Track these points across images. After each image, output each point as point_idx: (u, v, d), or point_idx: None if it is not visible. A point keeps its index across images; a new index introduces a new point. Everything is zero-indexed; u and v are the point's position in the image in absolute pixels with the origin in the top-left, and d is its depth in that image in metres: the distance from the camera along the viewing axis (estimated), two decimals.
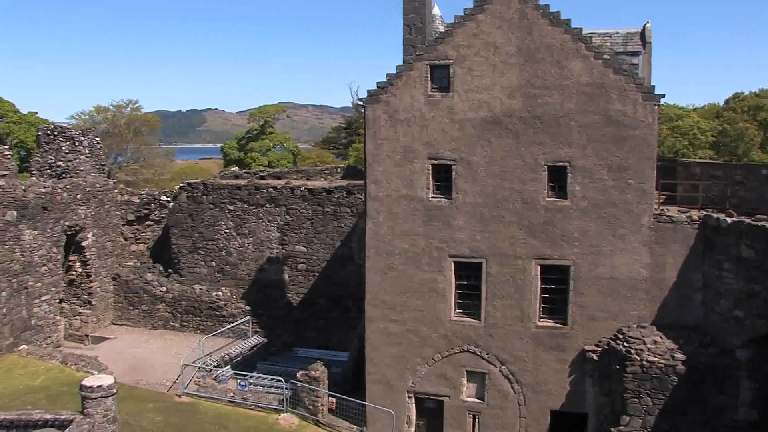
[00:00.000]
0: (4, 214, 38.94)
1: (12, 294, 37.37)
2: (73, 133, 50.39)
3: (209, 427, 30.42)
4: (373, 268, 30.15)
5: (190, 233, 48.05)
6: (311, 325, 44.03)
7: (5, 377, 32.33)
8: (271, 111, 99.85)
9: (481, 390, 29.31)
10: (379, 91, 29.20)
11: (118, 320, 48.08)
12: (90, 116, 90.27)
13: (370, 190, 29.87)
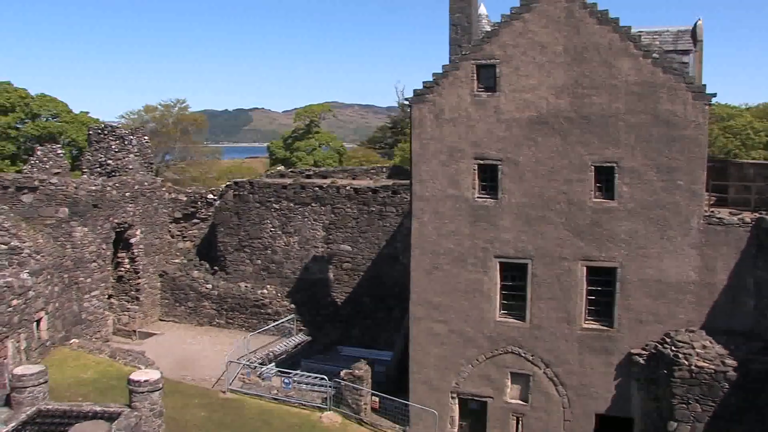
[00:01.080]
0: (56, 211, 39.88)
1: (64, 289, 38.17)
2: (122, 132, 51.35)
3: (253, 423, 30.70)
4: (418, 268, 30.11)
5: (236, 231, 48.52)
6: (356, 324, 44.15)
7: (58, 369, 33.00)
8: (317, 110, 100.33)
9: (525, 392, 29.09)
10: (425, 91, 29.15)
11: (165, 316, 48.80)
12: (139, 115, 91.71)
13: (415, 189, 29.83)
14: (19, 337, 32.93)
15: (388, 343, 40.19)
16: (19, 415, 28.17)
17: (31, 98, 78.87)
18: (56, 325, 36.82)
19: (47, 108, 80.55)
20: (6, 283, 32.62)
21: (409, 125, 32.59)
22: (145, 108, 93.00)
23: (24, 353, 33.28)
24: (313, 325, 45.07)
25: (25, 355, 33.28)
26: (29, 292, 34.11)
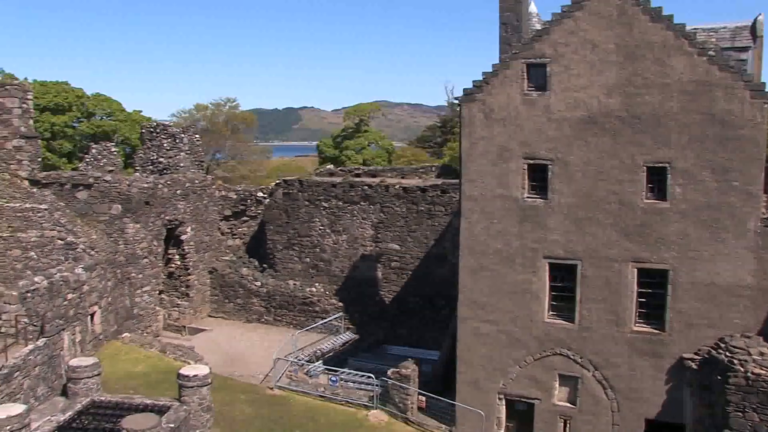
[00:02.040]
0: (110, 207, 40.70)
1: (116, 284, 38.94)
2: (174, 131, 52.18)
3: (299, 420, 30.91)
4: (466, 268, 29.99)
5: (285, 229, 48.90)
6: (403, 323, 44.15)
7: (110, 363, 33.70)
8: (367, 109, 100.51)
9: (574, 394, 28.76)
10: (474, 90, 29.02)
11: (214, 313, 49.41)
12: (190, 114, 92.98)
13: (464, 189, 29.72)
14: (74, 330, 33.71)
15: (435, 342, 40.10)
16: (75, 405, 28.87)
17: (86, 98, 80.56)
18: (109, 319, 37.59)
19: (102, 107, 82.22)
20: (62, 278, 33.39)
21: (458, 124, 32.48)
22: (197, 107, 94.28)
23: (78, 346, 34.04)
24: (361, 324, 45.21)
25: (79, 347, 34.04)
26: (84, 286, 34.87)
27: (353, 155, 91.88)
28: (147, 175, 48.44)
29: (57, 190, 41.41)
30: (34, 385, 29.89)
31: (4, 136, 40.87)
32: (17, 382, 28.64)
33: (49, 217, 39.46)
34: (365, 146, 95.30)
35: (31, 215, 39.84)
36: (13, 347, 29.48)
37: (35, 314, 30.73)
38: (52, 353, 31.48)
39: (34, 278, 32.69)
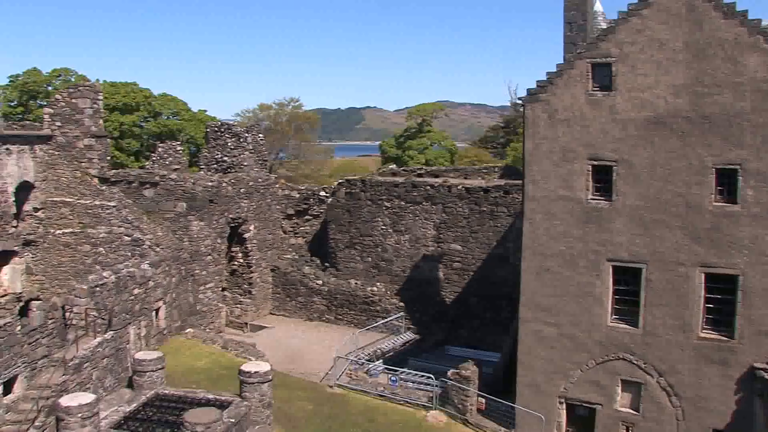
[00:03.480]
0: (175, 205, 41.54)
1: (181, 280, 39.71)
2: (238, 130, 52.99)
3: (358, 419, 31.02)
4: (528, 269, 29.65)
5: (348, 229, 49.11)
6: (464, 324, 43.94)
7: (173, 357, 34.35)
8: (429, 109, 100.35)
9: (637, 401, 28.12)
10: (538, 90, 28.68)
11: (276, 310, 49.94)
12: (254, 114, 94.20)
13: (527, 190, 29.39)
14: (139, 324, 34.50)
15: (496, 344, 39.78)
16: (140, 396, 29.59)
17: (153, 98, 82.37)
18: (173, 315, 38.35)
19: (168, 107, 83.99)
20: (129, 273, 34.20)
21: (521, 125, 32.18)
22: (260, 106, 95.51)
23: (143, 340, 34.83)
24: (421, 324, 45.13)
25: (144, 341, 34.82)
26: (149, 282, 35.66)
27: (416, 155, 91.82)
28: (211, 173, 49.27)
29: (125, 188, 42.47)
30: (102, 376, 30.73)
31: (76, 136, 42.10)
32: (87, 372, 29.53)
33: (117, 214, 40.52)
34: (428, 146, 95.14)
35: (100, 212, 41.00)
36: (83, 339, 30.37)
37: (103, 308, 31.58)
38: (118, 346, 32.31)
39: (103, 273, 33.59)
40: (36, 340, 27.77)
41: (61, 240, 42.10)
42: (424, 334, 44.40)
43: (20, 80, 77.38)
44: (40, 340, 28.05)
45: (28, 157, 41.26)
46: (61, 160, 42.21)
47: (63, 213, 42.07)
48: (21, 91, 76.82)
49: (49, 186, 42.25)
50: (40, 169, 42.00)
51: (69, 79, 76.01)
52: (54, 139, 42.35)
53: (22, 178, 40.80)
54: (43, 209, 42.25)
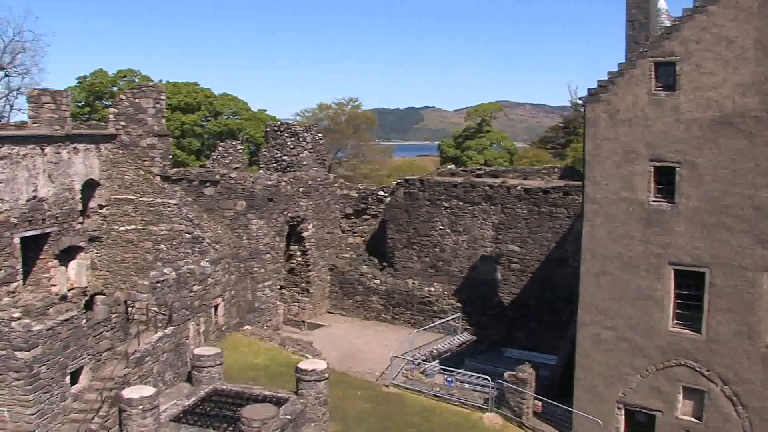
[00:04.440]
0: (235, 204, 42.11)
1: (239, 278, 40.22)
2: (297, 130, 53.46)
3: (413, 419, 30.97)
4: (587, 272, 29.18)
5: (406, 228, 49.07)
6: (521, 326, 43.52)
7: (232, 353, 34.84)
8: (488, 109, 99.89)
9: (699, 409, 27.35)
10: (599, 90, 28.19)
11: (333, 309, 50.20)
12: (313, 113, 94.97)
13: (587, 191, 28.93)
14: (198, 321, 35.08)
15: (553, 347, 39.31)
16: (199, 391, 30.11)
17: (214, 97, 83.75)
18: (231, 312, 38.88)
19: (229, 106, 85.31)
20: (189, 270, 34.79)
21: (582, 125, 31.70)
22: (320, 106, 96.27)
23: (202, 336, 35.40)
24: (478, 325, 44.86)
25: (203, 337, 35.40)
26: (209, 279, 36.24)
27: (475, 155, 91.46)
28: (271, 172, 49.77)
29: (186, 186, 43.22)
30: (162, 370, 31.35)
31: (140, 135, 43.03)
32: (148, 366, 30.18)
33: (178, 212, 41.28)
34: (487, 146, 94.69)
35: (161, 209, 41.83)
36: (145, 334, 31.03)
37: (164, 303, 32.21)
38: (178, 341, 32.91)
39: (164, 269, 34.26)
40: (100, 333, 28.50)
41: (124, 236, 43.11)
42: (481, 335, 44.13)
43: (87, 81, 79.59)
44: (104, 333, 28.77)
45: (94, 156, 42.31)
46: (125, 159, 43.18)
47: (126, 210, 43.07)
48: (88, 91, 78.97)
49: (113, 184, 43.28)
50: (105, 167, 43.03)
51: (133, 79, 77.81)
52: (118, 138, 43.37)
53: (88, 176, 41.88)
54: (107, 206, 43.31)
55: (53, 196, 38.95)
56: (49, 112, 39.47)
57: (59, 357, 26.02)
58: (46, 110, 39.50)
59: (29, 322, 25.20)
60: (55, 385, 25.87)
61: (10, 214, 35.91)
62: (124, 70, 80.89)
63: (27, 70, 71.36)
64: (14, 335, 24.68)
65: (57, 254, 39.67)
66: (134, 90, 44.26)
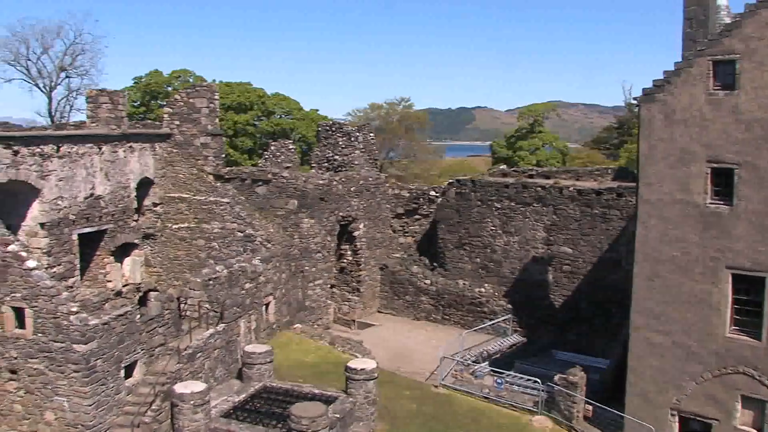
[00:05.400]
0: (286, 202, 42.42)
1: (290, 276, 40.52)
2: (349, 129, 53.60)
3: (462, 420, 30.83)
4: (640, 275, 28.63)
5: (457, 229, 48.87)
6: (572, 329, 42.97)
7: (282, 351, 35.11)
8: (541, 110, 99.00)
9: (760, 420, 26.41)
10: (655, 90, 27.62)
11: (383, 308, 50.24)
12: (365, 113, 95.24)
13: (642, 193, 28.38)
14: (249, 318, 35.42)
15: (604, 350, 38.70)
16: (249, 388, 30.42)
17: (267, 97, 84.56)
18: (282, 310, 39.17)
19: (281, 106, 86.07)
20: (241, 268, 35.15)
21: (636, 126, 31.12)
22: (371, 106, 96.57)
23: (253, 333, 35.73)
24: (528, 327, 44.46)
25: (254, 335, 35.73)
26: (260, 277, 36.56)
27: (526, 156, 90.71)
28: (322, 172, 50.06)
29: (238, 185, 43.70)
30: (213, 366, 31.74)
31: (193, 134, 43.64)
32: (199, 362, 30.59)
33: (231, 210, 41.72)
34: (539, 147, 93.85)
35: (214, 208, 42.35)
36: (197, 330, 31.45)
37: (216, 301, 32.59)
38: (229, 338, 33.28)
39: (216, 267, 34.67)
40: (153, 329, 28.97)
41: (177, 234, 43.77)
42: (531, 338, 43.73)
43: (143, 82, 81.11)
44: (157, 329, 29.23)
45: (149, 155, 43.05)
46: (179, 158, 43.83)
47: (180, 208, 43.71)
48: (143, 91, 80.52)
49: (167, 182, 43.97)
50: (159, 166, 43.76)
51: (188, 80, 79.10)
52: (173, 138, 44.04)
53: (143, 174, 42.64)
54: (161, 204, 44.03)
55: (110, 194, 39.75)
56: (106, 112, 40.34)
57: (114, 351, 26.57)
58: (103, 110, 40.39)
59: (86, 317, 25.78)
60: (110, 378, 26.43)
61: (68, 211, 36.75)
62: (179, 71, 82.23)
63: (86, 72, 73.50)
64: (72, 329, 25.30)
65: (113, 251, 40.48)
66: (188, 90, 44.89)
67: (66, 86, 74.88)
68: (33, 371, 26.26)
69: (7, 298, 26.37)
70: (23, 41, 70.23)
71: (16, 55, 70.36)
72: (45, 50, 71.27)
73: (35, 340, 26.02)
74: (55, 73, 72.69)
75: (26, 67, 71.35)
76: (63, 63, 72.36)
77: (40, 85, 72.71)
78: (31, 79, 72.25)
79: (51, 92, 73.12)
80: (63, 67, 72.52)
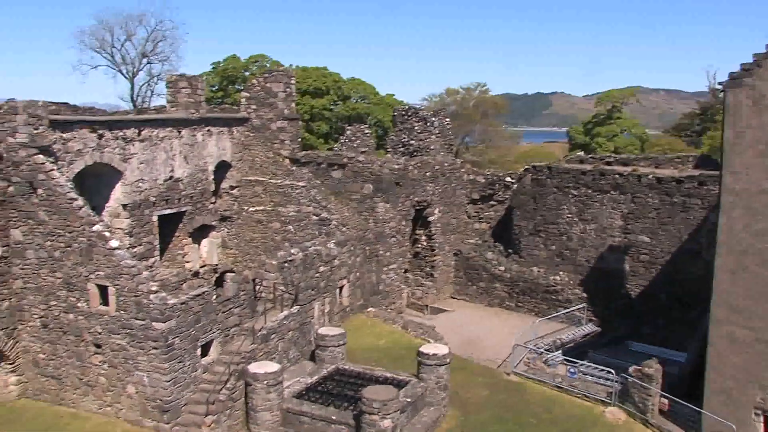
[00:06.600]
0: (362, 187, 42.60)
1: (364, 260, 40.76)
2: (425, 114, 53.48)
3: (534, 408, 30.56)
4: (722, 267, 27.71)
5: (532, 215, 48.29)
6: (648, 321, 42.01)
7: (355, 335, 35.40)
8: (620, 95, 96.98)
9: None
10: (742, 74, 26.54)
11: (456, 294, 50.05)
12: (441, 98, 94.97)
13: (726, 182, 27.43)
14: (323, 301, 35.81)
15: (681, 344, 37.69)
16: (321, 370, 30.82)
17: (343, 82, 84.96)
18: (356, 294, 39.47)
19: (357, 91, 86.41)
20: (315, 251, 35.53)
21: (720, 112, 30.06)
22: (447, 91, 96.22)
23: (327, 316, 36.12)
24: (603, 317, 43.66)
25: (327, 317, 36.11)
26: (335, 260, 36.90)
27: (604, 143, 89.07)
28: (398, 156, 50.06)
29: (314, 169, 44.07)
30: (287, 347, 32.26)
31: (270, 118, 44.18)
32: (273, 343, 31.14)
33: (306, 194, 42.16)
34: (617, 133, 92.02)
35: (290, 191, 42.86)
36: (271, 312, 31.98)
37: (290, 283, 33.06)
38: (303, 320, 33.74)
39: (291, 250, 35.14)
40: (229, 310, 29.56)
41: (253, 217, 44.46)
42: (606, 328, 42.91)
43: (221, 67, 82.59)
44: (233, 309, 29.81)
45: (227, 139, 43.78)
46: (256, 142, 44.44)
47: (256, 191, 44.36)
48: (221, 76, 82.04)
49: (244, 166, 44.66)
50: (236, 149, 44.46)
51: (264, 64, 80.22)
52: (250, 122, 44.68)
53: (221, 158, 43.40)
54: (238, 187, 44.77)
55: (188, 176, 40.61)
56: (185, 97, 41.18)
57: (191, 330, 27.24)
58: (183, 95, 41.23)
59: (165, 296, 26.51)
60: (187, 356, 27.15)
61: (149, 193, 37.71)
62: (256, 56, 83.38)
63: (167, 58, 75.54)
64: (152, 307, 26.07)
65: (191, 232, 41.39)
66: (265, 75, 45.44)
67: (147, 72, 77.15)
68: (116, 346, 27.27)
69: (92, 276, 27.36)
70: (108, 29, 72.59)
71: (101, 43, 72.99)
72: (128, 37, 73.70)
73: (118, 316, 26.95)
74: (138, 59, 74.98)
75: (111, 54, 73.93)
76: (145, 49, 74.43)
77: (123, 71, 75.16)
78: (114, 66, 74.76)
79: (133, 78, 75.53)
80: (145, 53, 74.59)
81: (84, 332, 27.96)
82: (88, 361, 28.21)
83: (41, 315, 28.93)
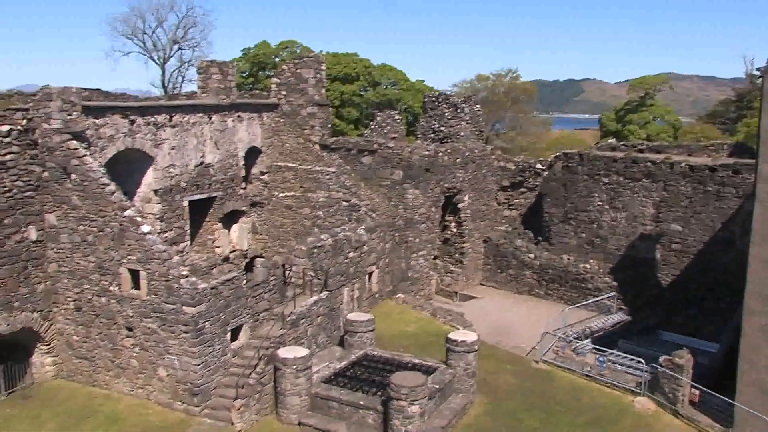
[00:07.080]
0: (392, 173, 42.63)
1: (394, 247, 40.80)
2: (455, 101, 53.31)
3: (562, 397, 30.44)
4: (757, 257, 27.30)
5: (563, 203, 48.00)
6: (679, 310, 41.60)
7: (383, 321, 35.49)
8: (653, 82, 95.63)
9: None
10: None
11: (485, 281, 49.94)
12: (471, 84, 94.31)
13: (762, 170, 26.97)
14: (353, 287, 35.94)
15: (712, 334, 37.30)
16: (350, 355, 30.96)
17: (373, 67, 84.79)
18: (385, 280, 39.56)
19: (387, 77, 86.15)
20: (345, 237, 35.64)
21: (757, 99, 29.56)
22: (478, 77, 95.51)
23: (356, 302, 36.26)
24: (633, 306, 43.32)
25: (356, 303, 36.25)
26: (364, 246, 36.99)
27: (636, 130, 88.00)
28: (428, 143, 49.97)
29: (344, 155, 44.15)
30: (316, 333, 32.45)
31: (300, 104, 44.27)
32: (303, 328, 31.36)
33: (336, 180, 42.22)
34: (650, 121, 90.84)
35: (320, 177, 42.94)
36: (301, 297, 32.18)
37: (320, 269, 33.22)
38: (332, 306, 33.90)
39: (321, 236, 35.27)
40: (259, 294, 29.77)
41: (283, 202, 44.64)
42: (636, 317, 42.56)
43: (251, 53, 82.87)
44: (263, 294, 30.02)
45: (257, 124, 43.93)
46: (286, 128, 44.53)
47: (286, 177, 44.51)
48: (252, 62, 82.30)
49: (274, 151, 44.80)
50: (266, 135, 44.60)
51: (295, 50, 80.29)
52: (280, 108, 44.78)
53: (251, 143, 43.58)
54: (268, 173, 44.95)
55: (218, 162, 40.83)
56: (216, 83, 41.33)
57: (221, 314, 27.50)
58: (213, 81, 41.38)
59: (196, 280, 26.77)
60: (217, 340, 27.43)
61: (180, 178, 37.99)
62: (286, 42, 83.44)
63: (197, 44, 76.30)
64: (183, 291, 26.34)
65: (221, 217, 41.67)
66: (296, 61, 45.48)
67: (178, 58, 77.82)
68: (147, 330, 27.61)
69: (124, 261, 27.69)
70: (140, 16, 73.18)
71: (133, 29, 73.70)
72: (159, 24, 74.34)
73: (149, 300, 27.28)
74: (169, 45, 75.65)
75: (142, 40, 74.73)
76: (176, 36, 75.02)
77: (154, 57, 75.87)
78: (146, 52, 75.50)
79: (164, 64, 76.28)
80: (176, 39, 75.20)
81: (116, 315, 28.34)
82: (120, 344, 28.61)
83: (75, 298, 29.39)
